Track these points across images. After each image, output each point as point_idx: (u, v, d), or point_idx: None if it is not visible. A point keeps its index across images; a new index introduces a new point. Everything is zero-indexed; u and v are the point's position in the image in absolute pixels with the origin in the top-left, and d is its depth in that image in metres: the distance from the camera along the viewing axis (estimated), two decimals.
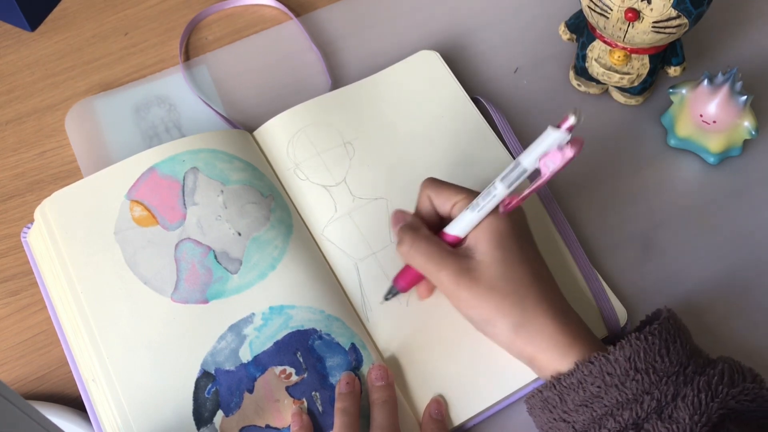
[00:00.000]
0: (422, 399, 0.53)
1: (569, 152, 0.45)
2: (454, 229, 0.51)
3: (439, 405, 0.53)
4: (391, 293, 0.55)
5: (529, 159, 0.47)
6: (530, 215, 0.58)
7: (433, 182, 0.54)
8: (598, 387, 0.45)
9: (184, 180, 0.58)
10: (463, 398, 0.53)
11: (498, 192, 0.49)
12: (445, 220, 0.53)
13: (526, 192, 0.48)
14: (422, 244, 0.51)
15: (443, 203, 0.53)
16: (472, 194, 0.51)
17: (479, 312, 0.49)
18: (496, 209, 0.50)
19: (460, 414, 0.53)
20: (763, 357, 0.56)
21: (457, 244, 0.52)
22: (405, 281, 0.54)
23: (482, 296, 0.49)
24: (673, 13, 0.56)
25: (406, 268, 0.54)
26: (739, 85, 0.59)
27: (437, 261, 0.50)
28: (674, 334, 0.47)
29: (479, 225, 0.50)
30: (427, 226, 0.53)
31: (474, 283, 0.49)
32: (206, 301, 0.54)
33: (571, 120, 0.44)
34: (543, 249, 0.57)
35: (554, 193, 0.62)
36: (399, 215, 0.54)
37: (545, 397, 0.48)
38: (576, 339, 0.48)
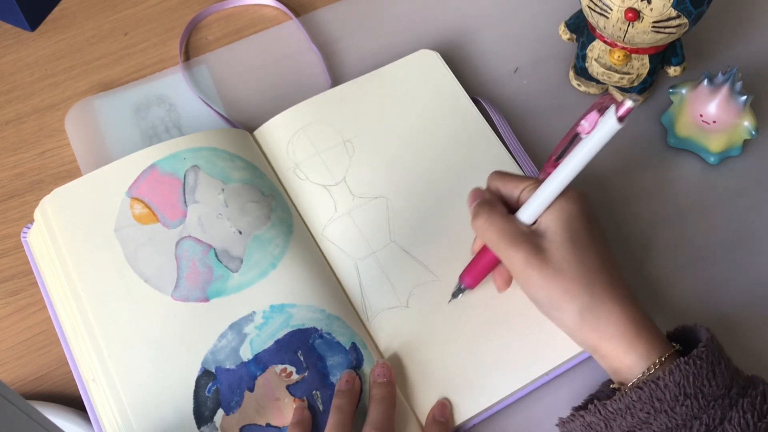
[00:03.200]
0: (422, 399, 0.53)
1: (608, 115, 0.45)
2: (524, 213, 0.51)
3: (444, 407, 0.52)
4: (460, 291, 0.55)
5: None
6: None
7: (500, 174, 0.54)
8: (647, 413, 0.45)
9: (185, 178, 0.58)
10: (463, 398, 0.53)
11: (565, 172, 0.48)
12: (513, 212, 0.52)
13: (569, 151, 0.48)
14: (498, 220, 0.50)
15: (511, 191, 0.52)
16: (538, 182, 0.51)
17: (546, 294, 0.49)
18: (564, 192, 0.49)
19: (460, 413, 0.53)
20: (764, 356, 0.56)
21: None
22: (471, 277, 0.54)
23: (551, 278, 0.48)
24: (673, 13, 0.56)
25: (472, 264, 0.54)
26: (739, 85, 0.59)
27: (510, 239, 0.49)
28: (718, 357, 0.46)
29: (549, 207, 0.50)
30: None
31: (544, 265, 0.48)
32: (207, 300, 0.54)
33: (628, 104, 0.44)
34: None
35: None
36: (477, 192, 0.53)
37: (588, 422, 0.47)
38: (642, 330, 0.48)
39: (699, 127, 0.62)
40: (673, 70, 0.64)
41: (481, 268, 0.54)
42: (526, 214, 0.51)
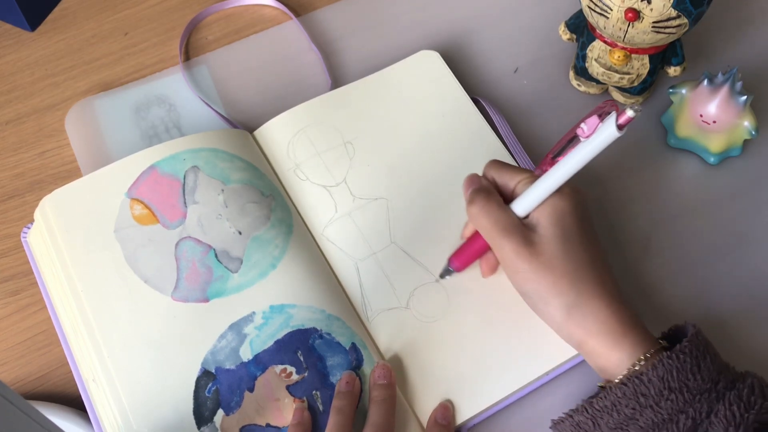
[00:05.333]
0: (423, 399, 0.53)
1: (607, 121, 0.45)
2: (518, 205, 0.51)
3: (446, 410, 0.52)
4: (447, 272, 0.55)
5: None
6: None
7: (497, 163, 0.54)
8: (633, 409, 0.45)
9: (184, 178, 0.58)
10: (463, 398, 0.53)
11: (560, 172, 0.49)
12: (507, 202, 0.52)
13: (566, 153, 0.48)
14: (493, 208, 0.51)
15: (507, 182, 0.52)
16: (534, 175, 0.51)
17: (535, 287, 0.49)
18: (559, 188, 0.49)
19: (460, 414, 0.53)
20: (762, 358, 0.56)
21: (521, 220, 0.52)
22: (460, 261, 0.54)
23: (540, 271, 0.48)
24: (673, 13, 0.56)
25: (463, 247, 0.54)
26: (739, 85, 0.59)
27: (503, 227, 0.50)
28: (704, 351, 0.46)
29: (542, 203, 0.50)
30: None
31: (534, 257, 0.49)
32: (207, 300, 0.54)
33: (629, 113, 0.44)
34: None
35: None
36: (474, 178, 0.54)
37: (577, 421, 0.47)
38: (629, 328, 0.48)
39: (699, 127, 0.62)
40: (673, 70, 0.64)
41: (470, 253, 0.54)
42: (519, 207, 0.51)
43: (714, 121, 0.60)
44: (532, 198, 0.50)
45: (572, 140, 0.48)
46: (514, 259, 0.49)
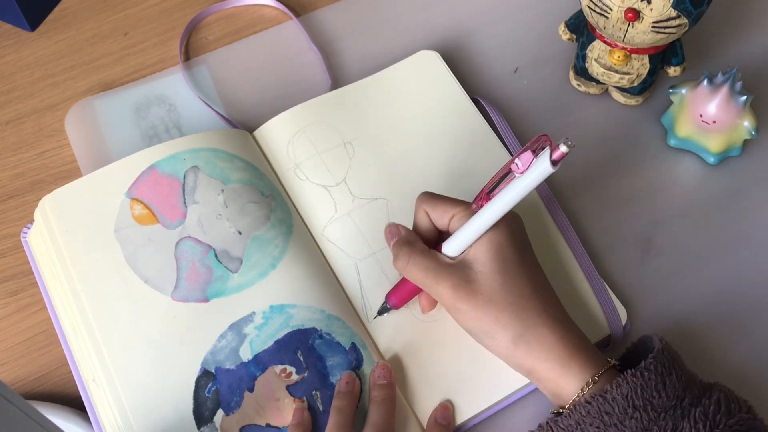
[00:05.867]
0: (423, 399, 0.53)
1: (541, 158, 0.45)
2: (451, 245, 0.51)
3: (446, 410, 0.52)
4: (384, 310, 0.55)
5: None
6: (532, 216, 0.58)
7: (429, 196, 0.53)
8: (597, 427, 0.45)
9: (184, 178, 0.58)
10: (463, 398, 0.53)
11: (493, 209, 0.48)
12: (444, 234, 0.53)
13: (496, 190, 0.48)
14: (418, 259, 0.51)
15: (440, 217, 0.52)
16: (468, 207, 0.51)
17: (478, 324, 0.49)
18: (496, 223, 0.49)
19: (460, 413, 0.53)
20: (764, 357, 0.56)
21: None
22: (397, 298, 0.54)
23: (481, 308, 0.48)
24: (673, 13, 0.56)
25: (399, 285, 0.54)
26: (739, 85, 0.59)
27: (435, 275, 0.50)
28: (669, 367, 0.46)
29: (478, 239, 0.50)
30: (425, 240, 0.53)
31: (473, 296, 0.49)
32: (206, 300, 0.54)
33: (562, 149, 0.44)
34: (545, 249, 0.58)
35: (555, 193, 0.62)
36: (393, 229, 0.54)
37: None
38: (576, 350, 0.48)
39: (699, 127, 0.62)
40: (673, 70, 0.64)
41: (406, 291, 0.54)
42: (452, 247, 0.51)
43: (714, 121, 0.60)
44: (465, 236, 0.50)
45: (506, 175, 0.48)
46: (453, 301, 0.49)
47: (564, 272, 0.57)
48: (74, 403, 0.55)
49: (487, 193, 0.49)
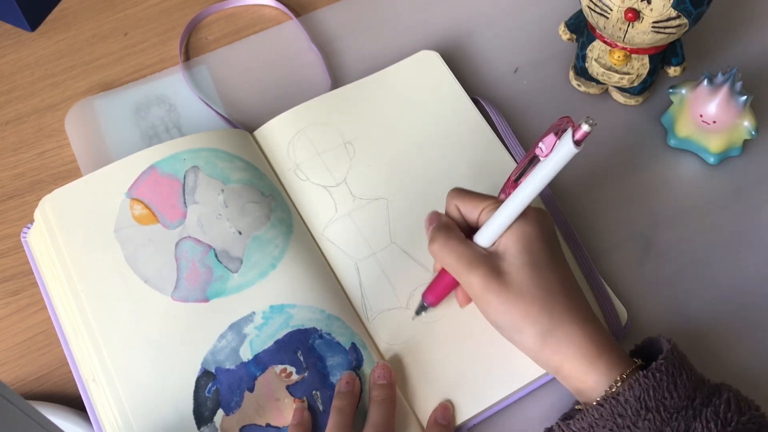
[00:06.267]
0: (423, 399, 0.53)
1: (564, 139, 0.45)
2: (483, 236, 0.50)
3: (446, 410, 0.52)
4: (422, 309, 0.54)
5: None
6: None
7: (460, 192, 0.53)
8: (610, 430, 0.45)
9: (184, 178, 0.58)
10: (463, 398, 0.53)
11: (522, 195, 0.48)
12: (473, 230, 0.52)
13: (524, 177, 0.48)
14: (454, 244, 0.50)
15: (471, 211, 0.52)
16: (498, 201, 0.51)
17: (507, 318, 0.49)
18: (524, 213, 0.49)
19: (460, 413, 0.53)
20: (764, 357, 0.56)
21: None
22: (434, 295, 0.54)
23: (510, 301, 0.48)
24: (673, 13, 0.56)
25: (434, 283, 0.54)
26: (739, 85, 0.59)
27: (468, 262, 0.49)
28: (679, 368, 0.46)
29: (508, 230, 0.49)
30: None
31: (503, 288, 0.48)
32: (206, 300, 0.54)
33: (585, 128, 0.44)
34: None
35: (555, 193, 0.62)
36: (434, 216, 0.53)
37: None
38: (603, 349, 0.48)
39: (699, 127, 0.62)
40: (673, 70, 0.64)
41: (442, 287, 0.53)
42: (484, 237, 0.50)
43: (714, 121, 0.60)
44: (496, 226, 0.49)
45: (532, 161, 0.48)
46: (483, 292, 0.49)
47: None
48: (74, 403, 0.55)
49: (514, 181, 0.49)
